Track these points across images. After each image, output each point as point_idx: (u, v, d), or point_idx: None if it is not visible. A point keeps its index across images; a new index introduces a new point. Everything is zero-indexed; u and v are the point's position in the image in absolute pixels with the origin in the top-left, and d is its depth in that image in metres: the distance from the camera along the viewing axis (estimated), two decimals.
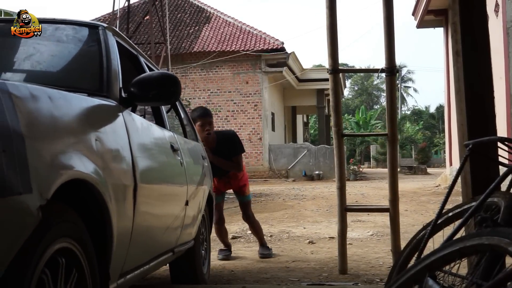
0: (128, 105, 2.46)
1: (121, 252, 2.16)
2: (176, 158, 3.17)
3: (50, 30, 2.63)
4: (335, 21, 4.24)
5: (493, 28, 3.18)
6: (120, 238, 2.09)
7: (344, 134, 4.50)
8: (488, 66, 2.90)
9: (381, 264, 4.79)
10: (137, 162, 2.31)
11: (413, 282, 1.68)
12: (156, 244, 2.87)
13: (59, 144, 1.67)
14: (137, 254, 2.45)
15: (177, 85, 2.52)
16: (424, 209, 9.27)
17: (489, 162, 2.73)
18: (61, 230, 1.66)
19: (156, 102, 2.66)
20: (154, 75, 2.52)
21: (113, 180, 2.02)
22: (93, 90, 2.33)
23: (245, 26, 22.13)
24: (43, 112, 1.65)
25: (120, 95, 2.43)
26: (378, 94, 68.31)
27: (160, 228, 2.89)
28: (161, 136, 3.03)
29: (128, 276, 2.34)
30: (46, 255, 1.56)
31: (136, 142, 2.39)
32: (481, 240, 1.44)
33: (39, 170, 1.49)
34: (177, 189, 3.18)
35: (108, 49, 2.55)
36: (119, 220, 2.05)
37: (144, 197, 2.37)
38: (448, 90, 13.88)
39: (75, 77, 2.50)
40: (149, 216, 2.59)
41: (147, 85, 2.46)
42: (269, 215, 8.78)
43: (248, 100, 20.79)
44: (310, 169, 20.42)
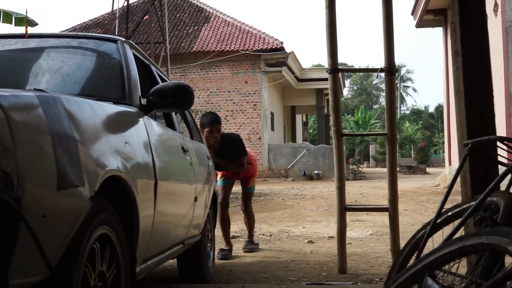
0: (147, 112, 2.77)
1: (145, 240, 2.45)
2: (186, 158, 3.47)
3: (74, 44, 2.99)
4: (335, 21, 4.24)
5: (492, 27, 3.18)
6: (144, 228, 2.40)
7: (343, 134, 4.50)
8: (488, 65, 2.90)
9: (380, 263, 4.79)
10: (156, 162, 2.62)
11: (413, 281, 1.67)
12: (171, 235, 3.16)
13: (100, 146, 1.98)
14: (156, 243, 2.74)
15: (190, 94, 2.83)
16: (423, 208, 9.27)
17: (488, 162, 2.73)
18: (102, 219, 1.94)
19: (172, 108, 2.94)
20: (170, 85, 2.81)
21: (139, 177, 2.33)
22: (117, 99, 2.63)
23: (244, 26, 22.12)
24: (87, 119, 1.96)
25: (140, 102, 2.75)
26: (377, 93, 68.34)
27: (174, 221, 3.18)
28: (173, 138, 3.35)
29: (149, 262, 2.65)
30: (93, 238, 1.86)
31: (155, 143, 2.71)
32: (480, 239, 1.44)
33: (88, 168, 1.80)
34: (188, 186, 3.46)
35: (127, 61, 2.86)
36: (144, 212, 2.36)
37: (162, 193, 2.67)
38: (447, 90, 13.88)
39: (100, 87, 2.80)
40: (166, 209, 2.89)
41: (164, 94, 2.77)
42: (268, 215, 8.79)
43: (247, 100, 20.79)
44: (309, 169, 20.42)
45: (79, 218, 1.74)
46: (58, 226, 1.64)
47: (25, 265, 1.51)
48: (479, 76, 2.89)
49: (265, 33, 21.29)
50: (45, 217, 1.55)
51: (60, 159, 1.64)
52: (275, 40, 20.68)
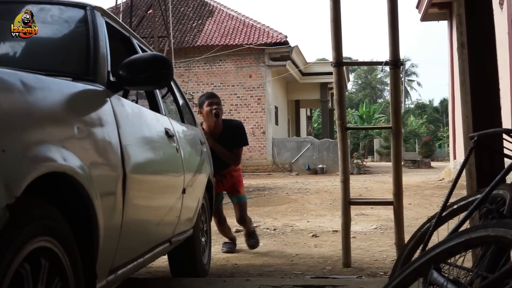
0: (117, 90, 2.33)
1: (110, 247, 2.04)
2: (172, 145, 3.05)
3: (35, 11, 2.48)
4: (339, 14, 4.23)
5: (498, 21, 3.16)
6: (108, 233, 1.96)
7: (348, 128, 4.49)
8: (494, 58, 2.88)
9: (385, 257, 4.78)
10: (126, 151, 2.18)
11: (418, 274, 1.66)
12: (151, 236, 2.77)
13: (33, 134, 1.53)
14: (129, 248, 2.35)
15: (168, 67, 2.38)
16: (428, 202, 9.26)
17: (494, 154, 2.71)
18: (38, 229, 1.53)
19: (146, 85, 2.54)
20: (144, 57, 2.40)
21: (99, 171, 1.90)
22: (78, 74, 2.19)
23: (248, 20, 22.08)
24: (13, 99, 1.51)
25: (108, 79, 2.30)
26: (381, 88, 68.18)
27: (155, 219, 2.79)
28: (155, 121, 2.90)
29: (120, 271, 2.23)
30: (20, 256, 1.44)
31: (126, 129, 2.26)
32: (487, 231, 1.43)
33: (6, 165, 1.35)
34: (173, 177, 3.06)
35: (96, 30, 2.41)
36: (107, 214, 1.93)
37: (134, 188, 2.27)
38: (452, 84, 13.83)
39: (59, 61, 2.37)
40: (142, 207, 2.48)
41: (137, 68, 2.33)
42: (272, 209, 8.79)
43: (251, 94, 20.77)
44: (313, 163, 20.41)
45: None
46: None
47: None
48: (485, 69, 2.87)
49: (269, 27, 21.26)
50: None
51: None
52: (279, 34, 20.64)
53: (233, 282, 3.63)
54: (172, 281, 3.68)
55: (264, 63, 20.62)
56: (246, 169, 20.08)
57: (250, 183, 14.23)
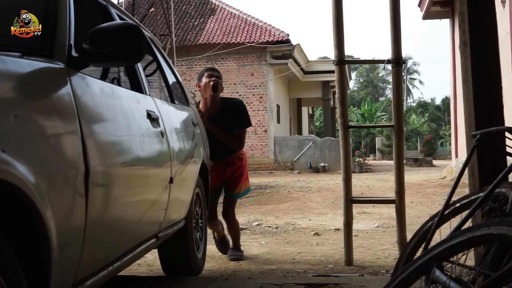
0: (80, 67, 1.94)
1: (70, 258, 1.72)
2: (155, 129, 2.69)
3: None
4: (341, 12, 4.22)
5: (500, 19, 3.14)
6: (65, 241, 1.63)
7: (350, 126, 4.49)
8: (496, 56, 2.87)
9: (387, 255, 4.78)
10: (90, 142, 1.81)
11: (420, 272, 1.66)
12: (129, 235, 2.42)
13: None
14: (98, 253, 2.03)
15: (140, 39, 1.97)
16: (430, 201, 9.25)
17: (496, 153, 2.71)
18: None
19: (114, 61, 2.08)
20: (111, 26, 1.98)
21: (48, 171, 1.55)
22: (30, 49, 1.82)
23: (250, 18, 22.08)
24: None
25: (69, 54, 1.92)
26: (383, 86, 68.15)
27: (133, 215, 2.42)
28: (134, 103, 2.51)
29: (89, 281, 1.89)
30: None
31: (90, 114, 1.90)
32: (490, 229, 1.43)
33: None
34: (156, 166, 2.70)
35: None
36: (62, 220, 1.60)
37: (101, 185, 1.93)
38: (454, 82, 13.81)
39: (4, 31, 1.91)
40: (113, 205, 2.10)
41: (102, 40, 1.92)
42: (274, 207, 8.79)
43: (253, 92, 20.77)
44: (315, 161, 20.41)
45: None
46: None
47: None
48: (488, 67, 2.86)
49: (271, 25, 21.25)
50: None
51: None
52: (281, 32, 20.64)
53: (235, 280, 3.63)
54: (174, 280, 3.68)
55: (266, 62, 20.62)
56: (248, 167, 20.05)
57: (252, 182, 14.21)
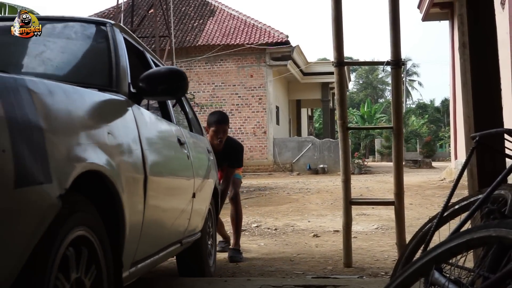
0: (137, 100, 2.53)
1: (133, 242, 2.22)
2: (183, 152, 3.23)
3: (59, 28, 2.74)
4: (341, 14, 4.22)
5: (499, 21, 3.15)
6: (132, 228, 2.15)
7: (349, 127, 4.49)
8: (496, 57, 2.87)
9: (386, 257, 4.78)
10: (146, 155, 2.36)
11: (420, 274, 1.66)
12: (165, 235, 2.93)
13: (75, 136, 1.74)
14: (147, 244, 2.50)
15: (184, 80, 2.58)
16: (429, 202, 9.25)
17: (496, 155, 2.71)
18: (78, 219, 1.73)
19: (164, 96, 2.76)
20: (162, 71, 2.59)
21: (125, 172, 2.08)
22: (103, 86, 2.38)
23: (250, 20, 22.08)
24: (59, 106, 1.72)
25: (129, 90, 2.50)
26: (383, 87, 68.17)
27: (169, 219, 2.95)
28: (168, 129, 3.09)
29: (139, 265, 2.41)
30: (66, 242, 1.63)
31: (145, 135, 2.45)
32: (488, 232, 1.42)
33: (58, 162, 1.56)
34: (185, 182, 3.23)
35: (116, 46, 2.63)
36: (131, 211, 2.12)
37: (153, 189, 2.43)
38: (454, 84, 13.82)
39: (85, 73, 2.57)
40: (159, 207, 2.64)
41: (155, 80, 2.54)
42: (273, 209, 8.78)
43: (252, 94, 20.77)
44: (314, 163, 20.41)
45: (45, 219, 1.50)
46: (16, 229, 1.40)
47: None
48: (487, 69, 2.87)
49: (271, 27, 21.25)
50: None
51: (20, 151, 1.40)
52: (281, 33, 20.63)
53: (234, 282, 3.63)
54: (174, 281, 3.68)
55: (265, 63, 20.62)
56: (247, 168, 20.07)
57: (251, 183, 14.23)
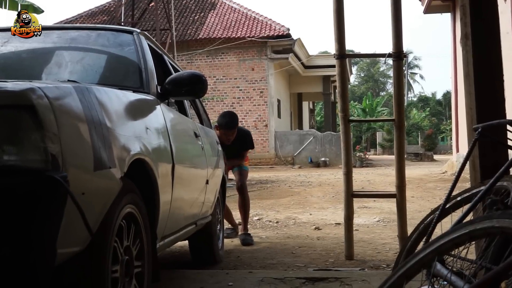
0: (164, 99, 2.93)
1: (163, 219, 2.64)
2: (198, 143, 3.64)
3: (93, 37, 3.17)
4: (342, 6, 4.20)
5: (502, 12, 3.14)
6: (164, 208, 2.59)
7: (351, 120, 4.47)
8: (498, 48, 2.86)
9: (387, 250, 4.78)
10: (173, 146, 2.78)
11: (422, 266, 1.65)
12: (185, 216, 3.35)
13: (126, 131, 2.14)
14: (173, 222, 2.94)
15: (204, 82, 2.97)
16: (431, 195, 9.25)
17: (498, 146, 2.70)
18: (129, 198, 2.12)
19: (187, 96, 3.19)
20: (185, 75, 2.97)
21: (160, 160, 2.51)
22: (136, 87, 2.79)
23: (251, 13, 22.02)
24: (114, 107, 2.14)
25: (157, 90, 2.90)
26: (384, 80, 68.02)
27: (188, 202, 3.35)
28: (187, 124, 3.55)
29: (167, 239, 2.88)
30: (121, 215, 2.04)
31: (171, 129, 2.86)
32: (491, 223, 1.42)
33: (118, 151, 1.98)
34: (200, 170, 3.65)
35: (143, 51, 3.02)
36: (163, 193, 2.54)
37: (178, 175, 2.84)
38: (455, 76, 13.79)
39: (120, 77, 2.95)
40: (182, 191, 3.04)
41: (180, 83, 2.93)
42: (275, 202, 8.79)
43: (254, 87, 20.74)
44: (316, 156, 20.40)
45: (111, 196, 1.92)
46: (94, 203, 1.82)
47: (69, 236, 1.69)
48: (489, 60, 2.85)
49: (272, 20, 21.20)
50: (84, 195, 1.72)
51: (95, 143, 1.82)
52: (282, 26, 20.58)
53: (236, 274, 3.63)
54: (175, 273, 3.68)
55: (267, 56, 20.58)
56: (249, 162, 20.03)
57: (253, 176, 14.23)
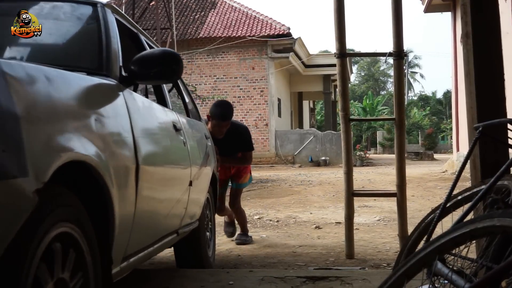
0: (128, 84, 2.40)
1: (124, 235, 2.12)
2: (179, 138, 3.11)
3: (47, 8, 2.60)
4: (343, 4, 4.20)
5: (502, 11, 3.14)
6: (122, 221, 2.04)
7: (351, 119, 4.47)
8: (499, 47, 2.86)
9: (388, 249, 4.78)
10: (138, 143, 2.25)
11: (422, 265, 1.65)
12: (160, 226, 2.83)
13: (57, 125, 1.61)
14: (140, 236, 2.42)
15: (179, 62, 2.45)
16: (431, 194, 9.25)
17: (498, 145, 2.70)
18: (61, 215, 1.62)
19: (157, 80, 2.61)
20: (155, 53, 2.45)
21: (115, 162, 1.96)
22: (92, 69, 2.28)
23: (251, 12, 22.01)
24: (40, 92, 1.59)
25: (120, 73, 2.38)
26: (384, 80, 68.00)
27: (164, 209, 2.85)
28: (163, 115, 2.97)
29: (132, 259, 2.31)
30: (46, 240, 1.52)
31: (138, 122, 2.33)
32: (492, 221, 1.42)
33: (35, 153, 1.44)
34: (181, 170, 3.12)
35: (107, 27, 2.49)
36: (121, 203, 2.01)
37: (146, 179, 2.32)
38: (456, 75, 13.78)
39: (73, 56, 2.45)
40: (152, 198, 2.55)
41: (148, 63, 2.40)
42: (275, 201, 8.79)
43: (254, 86, 20.73)
44: (316, 155, 20.40)
45: (19, 217, 1.38)
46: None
47: None
48: (490, 59, 2.85)
49: (272, 19, 21.18)
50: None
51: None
52: (282, 25, 20.57)
53: (237, 273, 3.63)
54: (176, 272, 3.68)
55: (267, 55, 20.57)
56: None
57: (253, 175, 14.20)
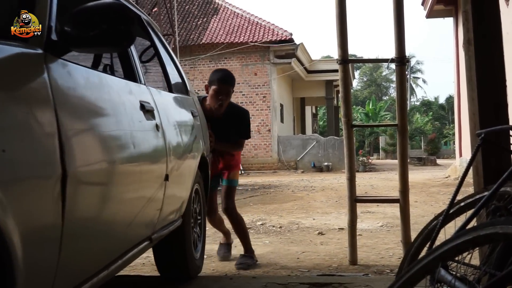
0: (60, 53, 1.68)
1: (41, 275, 1.48)
2: (149, 122, 2.44)
3: None
4: (345, 11, 4.21)
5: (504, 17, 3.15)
6: (33, 258, 1.38)
7: (354, 125, 4.47)
8: (501, 54, 2.86)
9: (391, 255, 4.77)
10: (68, 140, 1.55)
11: (426, 272, 1.66)
12: (116, 243, 2.15)
13: None
14: (78, 268, 1.76)
15: (129, 21, 1.71)
16: (434, 200, 9.23)
17: (501, 152, 2.70)
18: None
19: (99, 47, 1.79)
20: (96, 5, 1.71)
21: (13, 176, 1.29)
22: (1, 31, 1.60)
23: (253, 18, 22.07)
24: None
25: (48, 38, 1.65)
26: (387, 85, 68.02)
27: (121, 221, 2.15)
28: (125, 93, 2.26)
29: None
30: None
31: (70, 107, 1.65)
32: (495, 229, 1.42)
33: None
34: (150, 164, 2.45)
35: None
36: (31, 232, 1.37)
37: (81, 189, 1.66)
38: (458, 81, 13.77)
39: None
40: (95, 211, 1.84)
41: (86, 21, 1.67)
42: (278, 206, 8.78)
43: (256, 92, 20.76)
44: (319, 161, 20.40)
45: None
46: None
47: None
48: (492, 65, 2.85)
49: (274, 25, 21.23)
50: None
51: None
52: (284, 31, 20.62)
53: (239, 279, 3.63)
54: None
55: (269, 61, 20.60)
56: (251, 166, 20.08)
57: (256, 181, 14.23)
